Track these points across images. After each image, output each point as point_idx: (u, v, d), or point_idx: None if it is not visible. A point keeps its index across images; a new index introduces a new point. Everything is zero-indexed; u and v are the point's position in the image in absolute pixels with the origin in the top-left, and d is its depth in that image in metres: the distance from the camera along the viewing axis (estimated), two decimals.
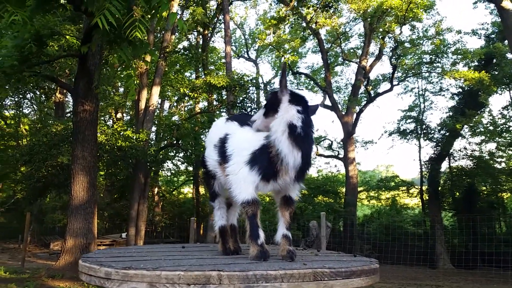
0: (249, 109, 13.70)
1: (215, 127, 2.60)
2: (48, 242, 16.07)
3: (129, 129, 13.85)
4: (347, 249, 13.93)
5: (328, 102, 19.45)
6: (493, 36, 17.88)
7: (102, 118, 19.36)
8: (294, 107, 2.02)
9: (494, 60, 16.34)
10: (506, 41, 15.14)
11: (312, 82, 23.57)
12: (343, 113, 19.40)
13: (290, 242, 2.10)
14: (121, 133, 13.02)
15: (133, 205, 13.09)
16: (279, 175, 2.01)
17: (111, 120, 19.47)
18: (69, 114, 18.67)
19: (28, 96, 17.85)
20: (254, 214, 2.06)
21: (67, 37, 9.73)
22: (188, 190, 25.80)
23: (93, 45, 5.03)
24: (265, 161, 2.01)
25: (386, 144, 58.03)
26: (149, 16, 4.34)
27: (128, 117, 21.50)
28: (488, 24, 18.53)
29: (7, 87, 10.04)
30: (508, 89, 17.71)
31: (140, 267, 1.62)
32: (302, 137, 1.97)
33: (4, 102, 17.81)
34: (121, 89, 19.47)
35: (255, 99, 15.54)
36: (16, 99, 17.46)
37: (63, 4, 6.48)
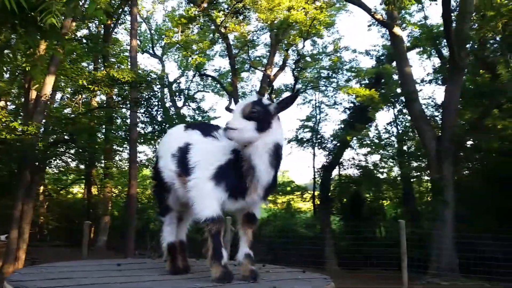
0: (154, 108, 13.23)
1: (172, 135, 2.42)
2: None
3: (15, 120, 12.35)
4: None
5: (233, 106, 19.71)
6: (382, 57, 19.81)
7: None
8: (280, 125, 2.02)
9: (383, 80, 18.09)
10: (394, 63, 16.91)
11: (218, 85, 23.67)
12: None
13: (253, 262, 2.06)
14: (5, 124, 11.56)
15: (16, 205, 11.69)
16: (248, 192, 1.96)
17: None
18: None
19: None
20: (218, 232, 1.96)
21: None
22: (78, 190, 23.89)
23: None
24: (233, 176, 1.94)
25: (284, 151, 60.55)
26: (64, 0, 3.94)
27: (14, 107, 19.21)
28: (379, 46, 20.48)
29: None
30: (392, 107, 19.79)
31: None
32: (280, 157, 1.98)
33: None
34: (7, 75, 17.32)
35: (159, 98, 15.11)
36: None
37: None
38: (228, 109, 19.67)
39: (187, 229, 2.46)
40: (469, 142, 14.48)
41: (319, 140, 21.56)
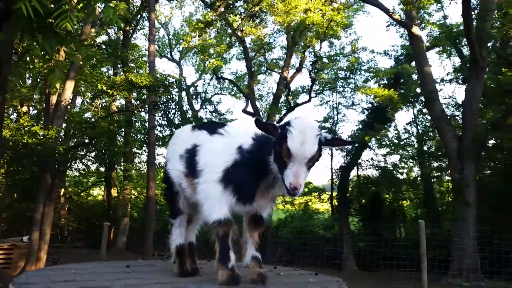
0: (172, 111, 13.38)
1: (180, 137, 2.41)
2: None
3: (36, 124, 12.68)
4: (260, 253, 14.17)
5: (250, 108, 19.76)
6: (401, 57, 19.58)
7: (6, 111, 17.44)
8: None
9: (402, 80, 17.87)
10: (413, 63, 16.69)
11: (235, 88, 23.78)
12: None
13: (261, 264, 2.02)
14: (27, 129, 11.88)
15: (38, 207, 11.97)
16: (256, 198, 1.95)
17: (15, 114, 17.68)
18: None
19: None
20: (225, 235, 1.94)
21: None
22: (98, 192, 24.32)
23: (14, 34, 4.53)
24: (240, 179, 1.91)
25: None
26: (80, 6, 4.03)
27: (35, 112, 19.71)
28: (398, 46, 20.25)
29: None
30: (412, 107, 19.52)
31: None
32: None
33: None
34: (29, 81, 17.82)
35: (176, 101, 15.26)
36: None
37: None
38: (245, 111, 19.71)
39: (197, 231, 2.44)
40: (491, 141, 14.17)
41: None
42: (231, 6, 16.94)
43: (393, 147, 20.25)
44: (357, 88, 19.62)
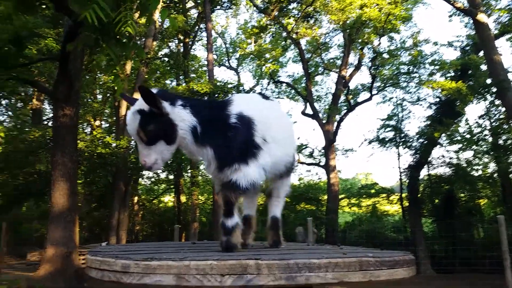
0: None
1: None
2: (25, 252, 15.50)
3: (109, 136, 13.57)
4: None
5: (309, 110, 19.61)
6: (467, 48, 18.43)
7: (80, 125, 18.95)
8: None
9: (470, 71, 16.81)
10: (480, 52, 15.64)
11: (293, 91, 23.74)
12: (324, 121, 19.57)
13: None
14: (100, 140, 12.76)
15: (113, 214, 12.79)
16: None
17: (89, 128, 19.11)
18: (46, 122, 18.18)
19: (4, 102, 17.33)
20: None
21: (47, 40, 9.51)
22: (168, 199, 25.42)
23: (79, 43, 4.91)
24: None
25: (366, 152, 58.72)
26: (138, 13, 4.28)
27: (107, 125, 21.12)
28: (463, 36, 19.10)
29: None
30: (483, 99, 18.23)
31: (163, 258, 1.41)
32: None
33: None
34: (100, 96, 19.13)
35: None
36: None
37: (44, 3, 6.32)
38: (304, 113, 19.59)
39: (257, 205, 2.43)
40: None
41: (403, 139, 20.60)
42: (285, 9, 17.00)
43: (465, 143, 18.97)
44: (422, 83, 18.73)
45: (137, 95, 2.23)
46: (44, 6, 7.01)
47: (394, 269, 1.62)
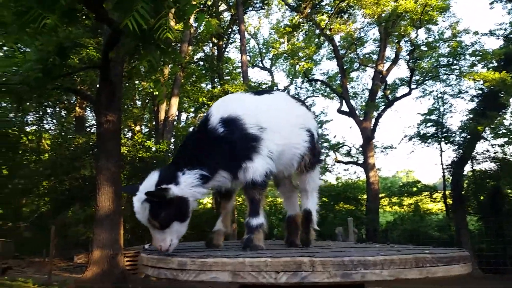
0: None
1: None
2: (72, 255, 16.15)
3: (149, 140, 13.94)
4: None
5: (345, 107, 19.34)
6: (511, 36, 17.58)
7: (122, 130, 19.56)
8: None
9: None
10: None
11: (328, 89, 23.49)
12: (361, 118, 19.22)
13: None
14: (141, 144, 13.12)
15: None
16: None
17: (130, 133, 19.71)
18: (89, 128, 18.92)
19: (49, 111, 18.17)
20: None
21: (88, 49, 9.87)
22: (207, 201, 25.77)
23: (121, 51, 5.08)
24: None
25: (406, 149, 57.19)
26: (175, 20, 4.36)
27: (147, 130, 21.70)
28: (506, 24, 18.22)
29: (31, 101, 10.20)
30: None
31: (218, 255, 1.45)
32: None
33: (25, 118, 18.17)
34: (139, 102, 19.69)
35: None
36: (38, 115, 17.79)
37: (85, 13, 6.57)
38: (339, 111, 19.33)
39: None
40: None
41: (445, 134, 19.96)
42: (317, 5, 16.85)
43: (511, 136, 18.09)
44: (463, 74, 18.06)
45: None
46: (84, 17, 7.29)
47: (450, 266, 1.58)
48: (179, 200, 1.79)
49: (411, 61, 18.06)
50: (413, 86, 18.98)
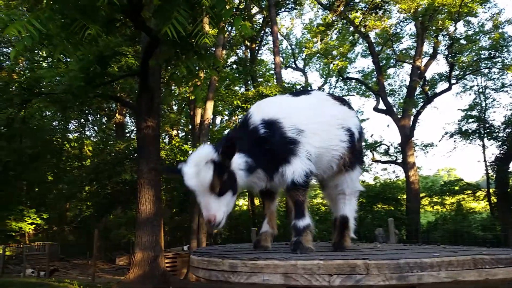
0: None
1: None
2: (114, 257, 16.65)
3: (186, 144, 14.19)
4: None
5: (382, 105, 18.92)
6: None
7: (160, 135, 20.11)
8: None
9: None
10: None
11: (363, 87, 23.09)
12: (399, 116, 18.75)
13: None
14: (179, 148, 13.37)
15: (194, 219, 13.30)
16: None
17: (167, 137, 20.14)
18: (128, 134, 19.48)
19: (90, 118, 18.88)
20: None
21: (127, 57, 10.17)
22: (243, 203, 25.93)
23: (161, 58, 5.20)
24: None
25: (447, 147, 55.19)
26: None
27: (183, 134, 22.10)
28: None
29: (74, 109, 10.61)
30: None
31: (269, 257, 1.44)
32: None
33: (67, 126, 18.96)
34: (175, 107, 20.09)
35: None
36: (80, 122, 18.52)
37: (124, 22, 6.77)
38: (376, 109, 18.94)
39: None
40: None
41: (488, 130, 19.14)
42: (351, 3, 16.60)
43: None
44: (507, 67, 17.29)
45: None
46: (123, 26, 7.52)
47: (511, 268, 1.50)
48: (232, 173, 1.82)
49: (450, 55, 17.47)
50: (453, 81, 18.34)
